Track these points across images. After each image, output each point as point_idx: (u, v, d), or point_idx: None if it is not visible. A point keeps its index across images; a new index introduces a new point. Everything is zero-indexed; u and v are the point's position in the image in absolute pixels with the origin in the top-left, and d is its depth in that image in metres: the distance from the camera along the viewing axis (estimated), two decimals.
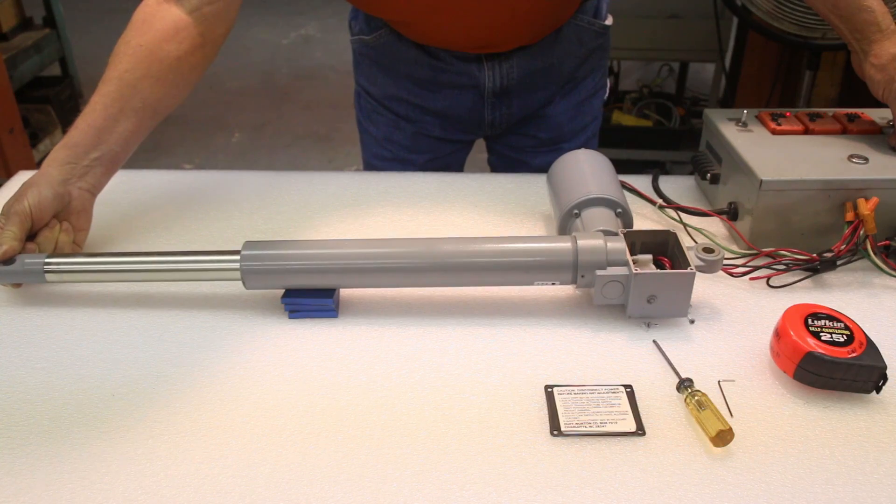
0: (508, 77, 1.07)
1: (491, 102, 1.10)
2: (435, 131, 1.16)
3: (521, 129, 1.17)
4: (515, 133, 1.17)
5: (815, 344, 0.64)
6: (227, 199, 0.99)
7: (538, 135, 1.17)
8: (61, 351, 0.72)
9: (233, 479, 0.58)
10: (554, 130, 1.17)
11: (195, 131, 3.35)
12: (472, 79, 1.07)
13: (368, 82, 1.16)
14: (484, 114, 1.11)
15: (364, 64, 1.15)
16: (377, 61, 1.12)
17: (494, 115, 1.12)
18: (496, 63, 1.05)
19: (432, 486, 0.57)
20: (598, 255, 0.72)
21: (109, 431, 0.62)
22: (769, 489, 0.57)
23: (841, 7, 0.88)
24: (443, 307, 0.78)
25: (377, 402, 0.65)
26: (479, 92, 1.09)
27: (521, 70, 1.07)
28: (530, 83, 1.08)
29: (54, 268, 0.76)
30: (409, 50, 1.07)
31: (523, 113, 1.13)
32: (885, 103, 0.88)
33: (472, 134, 1.18)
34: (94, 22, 4.56)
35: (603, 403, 0.64)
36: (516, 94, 1.10)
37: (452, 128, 1.15)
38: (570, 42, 1.08)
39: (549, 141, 1.17)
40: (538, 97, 1.12)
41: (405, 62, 1.09)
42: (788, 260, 0.80)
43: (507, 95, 1.10)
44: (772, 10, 1.75)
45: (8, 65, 2.72)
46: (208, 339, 0.73)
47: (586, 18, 1.08)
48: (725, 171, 0.91)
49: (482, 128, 1.15)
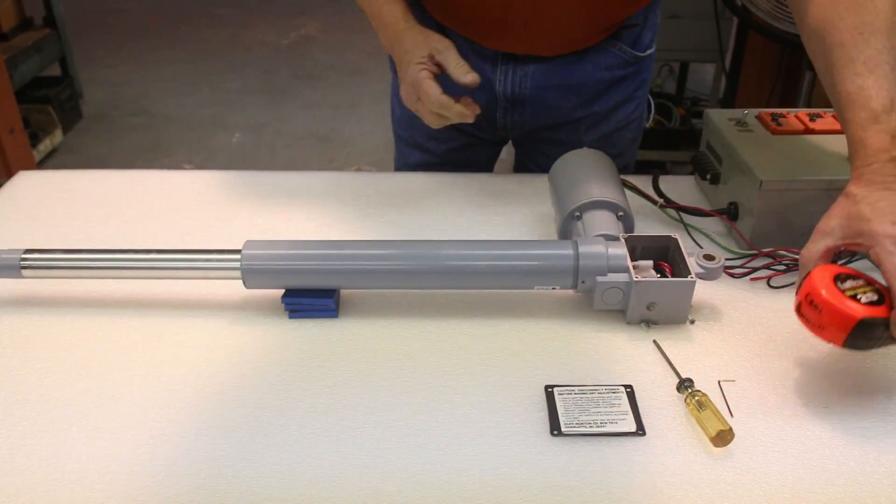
0: (521, 85, 1.03)
1: (504, 106, 1.07)
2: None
3: (548, 151, 1.10)
4: (543, 154, 1.13)
5: (860, 309, 0.60)
6: (227, 199, 0.99)
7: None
8: (61, 351, 0.72)
9: (233, 478, 0.58)
10: None
11: (195, 131, 3.35)
12: (486, 78, 1.02)
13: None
14: (497, 115, 1.08)
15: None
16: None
17: (506, 119, 1.08)
18: (511, 67, 1.02)
19: (432, 486, 0.57)
20: (599, 261, 0.72)
21: (109, 431, 0.62)
22: (769, 489, 0.57)
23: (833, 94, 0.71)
24: (443, 307, 0.78)
25: (377, 402, 0.65)
26: (492, 93, 1.05)
27: (535, 82, 1.03)
28: (542, 98, 1.05)
29: (62, 263, 0.76)
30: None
31: (537, 124, 1.09)
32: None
33: (488, 133, 1.14)
34: (94, 22, 4.56)
35: (603, 403, 0.64)
36: (529, 104, 1.06)
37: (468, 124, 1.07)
38: (594, 67, 1.02)
39: None
40: (553, 113, 1.07)
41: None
42: (789, 260, 0.80)
43: (521, 104, 1.06)
44: (772, 10, 1.75)
45: (8, 65, 2.72)
46: (208, 339, 0.73)
47: (620, 45, 1.02)
48: (725, 171, 0.91)
49: (495, 129, 1.11)
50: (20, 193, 1.01)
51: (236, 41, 4.31)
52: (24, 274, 0.76)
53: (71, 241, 0.89)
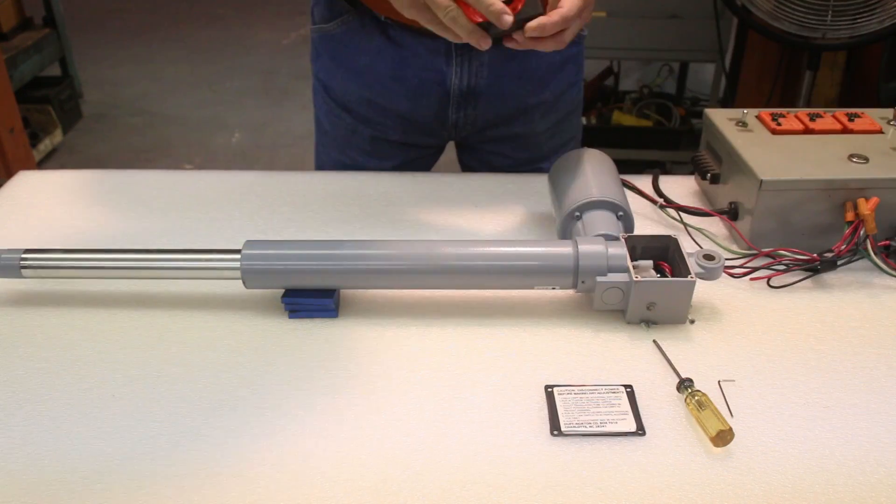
0: (478, 76, 1.01)
1: (456, 102, 1.05)
2: (395, 135, 1.10)
3: (499, 149, 1.13)
4: (492, 152, 1.13)
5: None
6: (227, 199, 0.99)
7: (515, 154, 1.13)
8: (61, 351, 0.72)
9: (233, 478, 0.58)
10: (533, 149, 1.13)
11: (195, 131, 3.35)
12: (439, 74, 1.01)
13: (328, 77, 1.10)
14: (448, 114, 1.06)
15: (324, 57, 1.08)
16: (337, 53, 1.06)
17: (458, 115, 1.06)
18: (466, 59, 1.00)
19: (432, 486, 0.57)
20: (599, 260, 0.72)
21: (109, 431, 0.62)
22: (769, 489, 0.57)
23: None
24: (443, 307, 0.78)
25: (377, 402, 0.65)
26: (444, 89, 1.03)
27: (492, 71, 1.01)
28: (499, 87, 1.04)
29: (62, 263, 0.76)
30: (373, 38, 1.01)
31: (487, 119, 1.08)
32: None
33: (435, 137, 1.12)
34: (94, 22, 4.56)
35: (603, 403, 0.64)
36: (484, 96, 1.05)
37: (414, 130, 1.10)
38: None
39: (527, 160, 1.14)
40: (506, 105, 1.06)
41: (367, 53, 1.03)
42: (789, 260, 0.80)
43: (474, 97, 1.05)
44: (772, 10, 1.75)
45: (8, 65, 2.72)
46: (208, 339, 0.73)
47: None
48: (725, 171, 0.91)
49: (446, 129, 1.09)
50: (20, 193, 1.01)
51: (236, 41, 4.31)
52: (24, 274, 0.76)
53: (71, 241, 0.89)
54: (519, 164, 1.14)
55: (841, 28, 1.74)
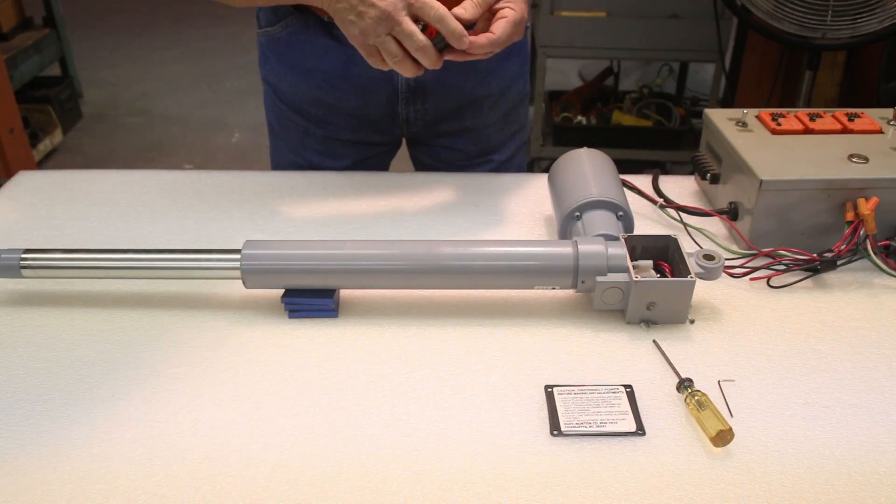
0: (424, 70, 0.99)
1: (405, 97, 1.06)
2: (347, 134, 1.11)
3: (449, 143, 1.13)
4: (444, 147, 1.14)
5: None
6: (227, 199, 0.99)
7: (466, 148, 1.14)
8: (61, 351, 0.72)
9: (233, 478, 0.58)
10: (483, 142, 1.14)
11: (195, 131, 3.35)
12: (386, 70, 0.97)
13: (277, 79, 1.10)
14: (398, 109, 1.07)
15: (272, 60, 1.09)
16: (285, 56, 1.06)
17: (408, 110, 1.07)
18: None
19: (432, 486, 0.57)
20: (599, 260, 0.72)
21: (109, 431, 0.62)
22: (769, 489, 0.57)
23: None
24: (443, 307, 0.78)
25: (377, 402, 0.65)
26: (392, 85, 1.04)
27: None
28: (445, 81, 1.04)
29: (62, 263, 0.76)
30: (318, 39, 1.01)
31: (438, 113, 1.08)
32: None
33: (388, 134, 1.13)
34: (94, 22, 4.56)
35: (603, 403, 0.64)
36: (432, 90, 1.05)
37: (365, 128, 1.10)
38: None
39: (479, 153, 1.15)
40: (454, 98, 1.07)
41: (314, 54, 1.03)
42: (789, 260, 0.80)
43: (423, 91, 1.05)
44: (772, 10, 1.75)
45: (8, 65, 2.72)
46: (208, 339, 0.73)
47: None
48: (725, 171, 0.91)
49: (397, 125, 1.10)
50: (20, 193, 1.01)
51: (236, 41, 4.31)
52: (24, 274, 0.76)
53: (71, 241, 0.89)
54: (470, 158, 1.16)
55: (841, 28, 1.74)
